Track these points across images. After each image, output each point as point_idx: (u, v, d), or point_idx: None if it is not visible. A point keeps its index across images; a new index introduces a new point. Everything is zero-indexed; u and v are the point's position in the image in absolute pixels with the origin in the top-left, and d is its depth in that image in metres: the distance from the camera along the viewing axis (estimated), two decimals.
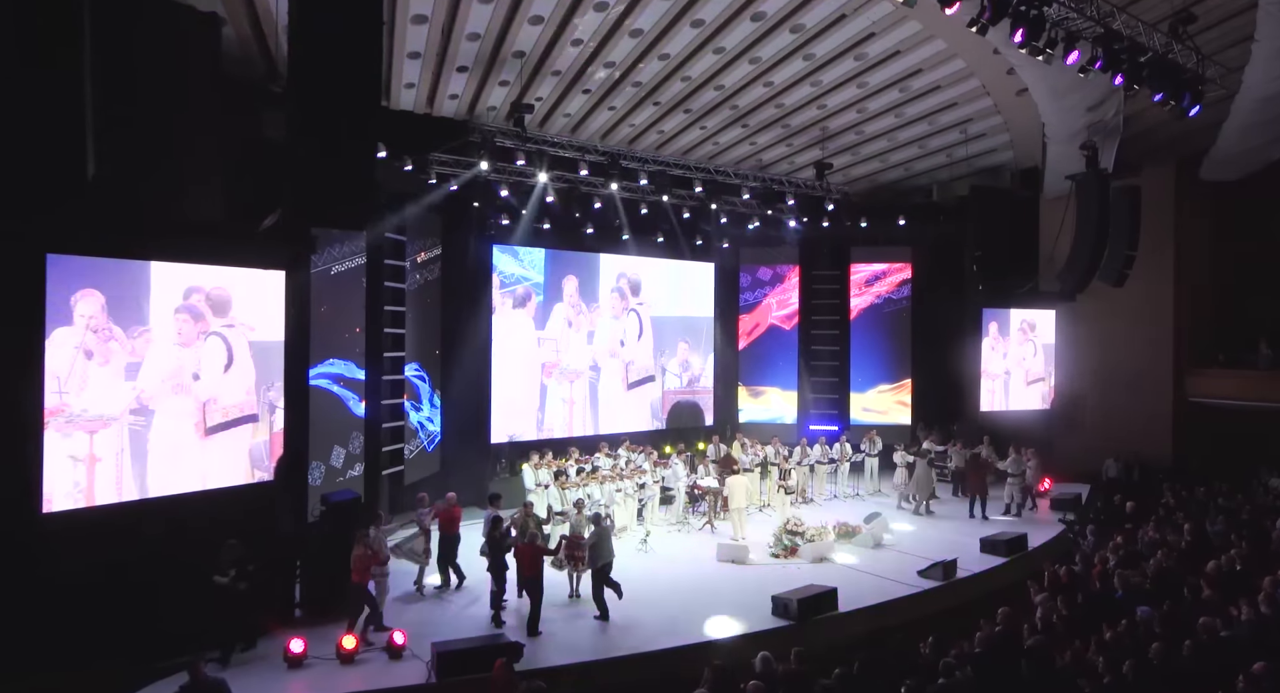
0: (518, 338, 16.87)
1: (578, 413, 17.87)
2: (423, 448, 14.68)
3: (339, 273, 11.84)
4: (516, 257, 16.91)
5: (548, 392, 17.35)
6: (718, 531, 14.03)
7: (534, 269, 17.28)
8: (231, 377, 9.44)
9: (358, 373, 12.41)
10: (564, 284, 17.73)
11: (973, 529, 14.30)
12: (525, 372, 16.99)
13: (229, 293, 9.21)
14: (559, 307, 17.65)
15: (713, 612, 10.07)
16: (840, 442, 17.32)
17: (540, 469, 13.21)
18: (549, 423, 17.24)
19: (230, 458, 9.35)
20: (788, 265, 20.50)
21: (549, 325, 17.46)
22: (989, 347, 19.83)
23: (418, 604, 10.50)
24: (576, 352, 17.88)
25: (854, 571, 11.87)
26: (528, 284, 17.12)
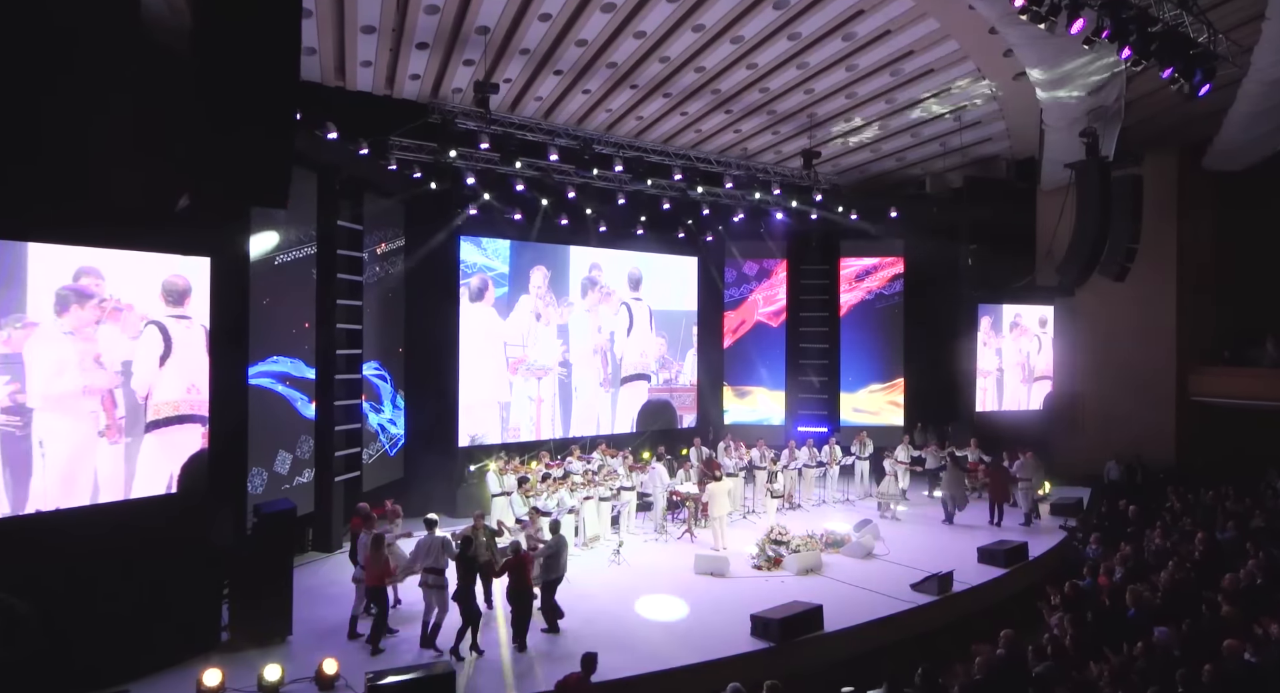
0: (479, 332, 15.79)
1: (545, 413, 16.84)
2: (384, 452, 13.77)
3: (285, 263, 10.93)
4: (480, 246, 15.87)
5: (514, 389, 16.27)
6: (698, 539, 13.16)
7: (498, 259, 16.20)
8: (169, 371, 8.45)
9: (307, 371, 11.50)
10: (531, 275, 16.67)
11: (969, 538, 13.45)
12: (488, 368, 15.90)
13: (188, 281, 8.19)
14: (525, 298, 16.54)
15: (687, 632, 9.20)
16: (830, 444, 16.46)
17: (506, 475, 12.30)
18: (515, 423, 16.25)
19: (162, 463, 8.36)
20: (775, 260, 19.65)
21: (513, 319, 16.34)
22: (985, 344, 19.05)
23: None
24: (544, 347, 16.87)
25: (842, 584, 11.01)
26: (489, 275, 15.99)
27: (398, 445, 14.30)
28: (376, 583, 8.68)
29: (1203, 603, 8.73)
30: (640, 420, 18.23)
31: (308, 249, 11.46)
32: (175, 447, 8.12)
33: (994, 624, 10.60)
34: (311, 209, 11.59)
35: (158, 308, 7.95)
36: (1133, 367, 18.97)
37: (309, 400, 11.52)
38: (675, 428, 18.55)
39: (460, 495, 14.62)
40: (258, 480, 10.32)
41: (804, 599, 9.93)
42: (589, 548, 12.43)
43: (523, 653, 8.64)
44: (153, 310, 7.91)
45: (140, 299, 7.80)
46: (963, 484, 14.85)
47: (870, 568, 11.77)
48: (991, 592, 10.97)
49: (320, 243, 11.72)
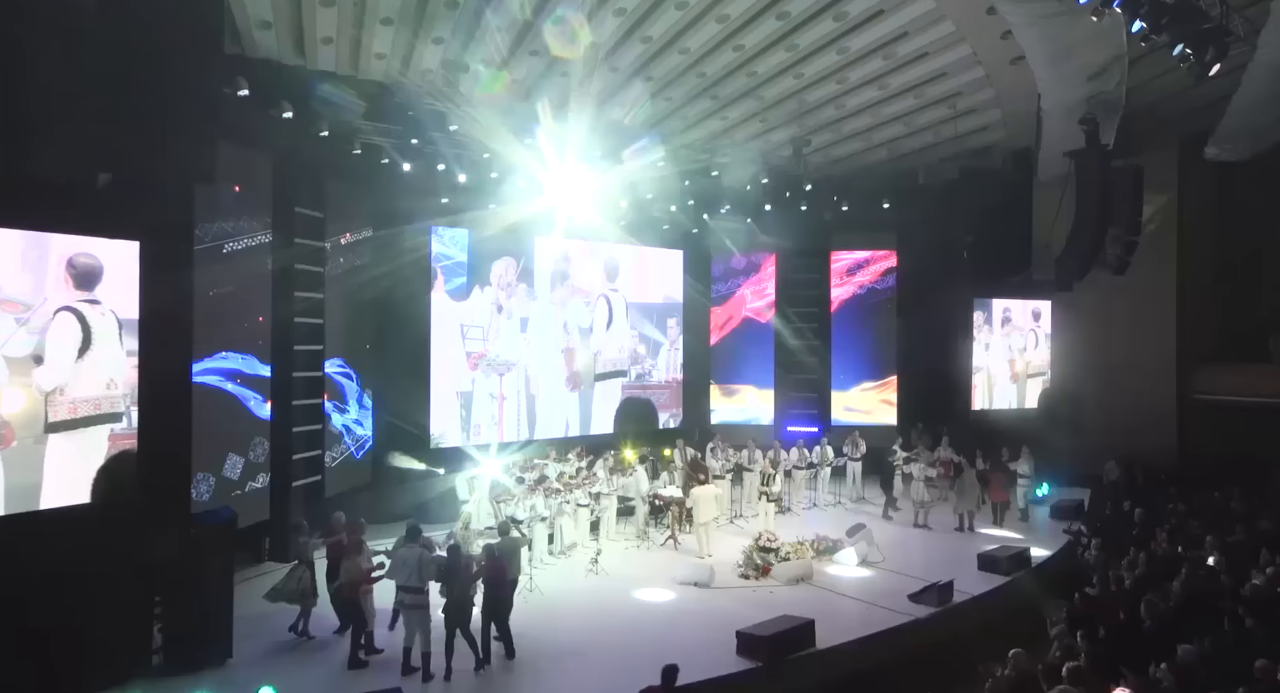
0: (444, 326, 14.90)
1: (509, 412, 15.80)
2: (349, 454, 12.98)
3: (234, 251, 10.14)
4: (436, 233, 14.85)
5: (475, 386, 15.21)
6: (682, 546, 12.43)
7: (455, 247, 15.17)
8: (87, 364, 7.64)
9: (261, 369, 10.71)
10: (493, 266, 15.69)
11: (968, 543, 12.81)
12: (449, 364, 14.93)
13: (99, 261, 7.39)
14: (487, 289, 15.63)
15: (667, 649, 8.43)
16: (821, 444, 15.78)
17: (476, 478, 11.53)
18: (476, 421, 15.13)
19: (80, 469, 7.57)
20: (763, 253, 18.95)
21: (473, 311, 15.33)
22: (982, 342, 18.44)
23: (300, 654, 8.69)
24: (506, 341, 15.84)
25: (835, 594, 10.31)
26: (449, 263, 15.06)
27: (365, 447, 13.50)
28: (352, 595, 7.94)
29: (1224, 616, 8.08)
30: (617, 419, 17.41)
31: (262, 237, 10.66)
32: (95, 450, 7.30)
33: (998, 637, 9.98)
34: (266, 194, 10.80)
35: (66, 293, 7.12)
36: (1132, 363, 18.39)
37: (263, 400, 10.73)
38: (655, 428, 17.77)
39: (431, 500, 13.84)
40: (203, 487, 9.53)
41: (794, 612, 9.22)
42: (566, 557, 11.69)
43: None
44: (62, 296, 7.09)
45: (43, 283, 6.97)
46: (977, 491, 14.12)
47: (864, 577, 11.09)
48: (994, 602, 10.29)
49: (276, 230, 10.93)
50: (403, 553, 7.96)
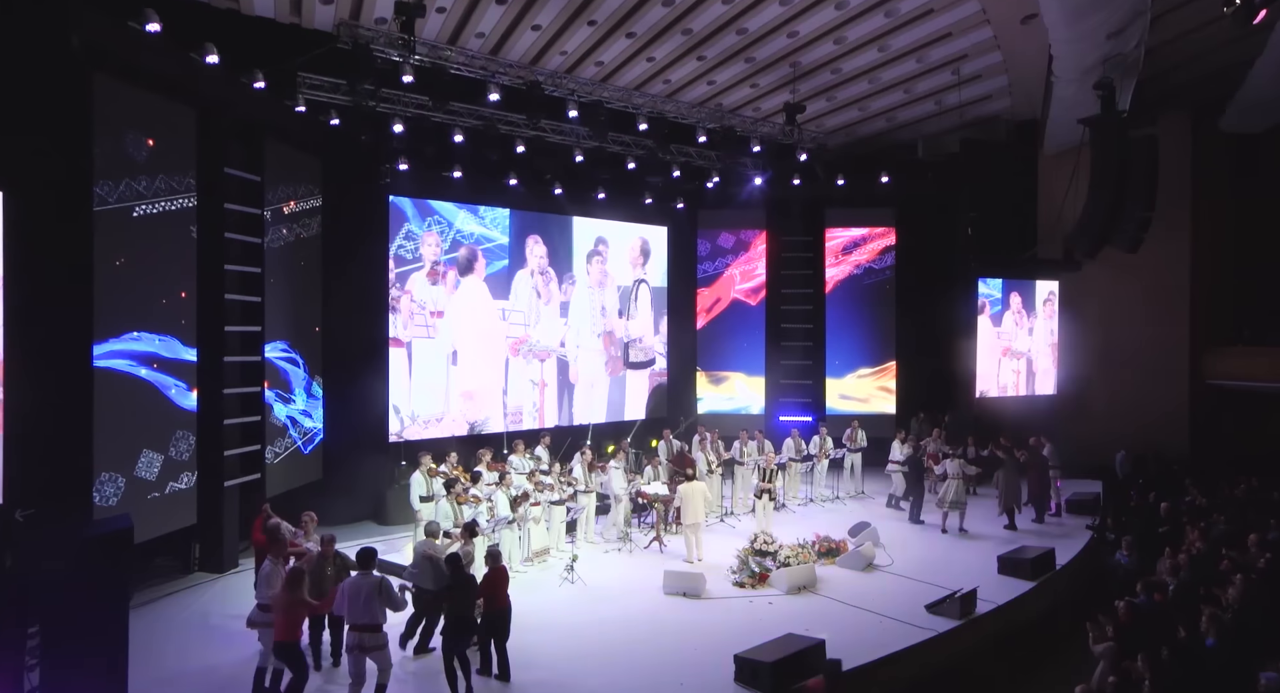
0: (470, 309, 14.29)
1: (549, 398, 15.41)
2: (296, 449, 11.60)
3: (146, 215, 8.71)
4: (476, 214, 14.38)
5: (513, 372, 14.76)
6: (668, 549, 11.20)
7: (496, 229, 14.68)
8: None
9: (184, 352, 9.31)
10: (529, 246, 14.89)
11: (983, 544, 11.67)
12: (484, 349, 14.44)
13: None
14: (522, 273, 15.06)
15: (652, 678, 7.23)
16: (820, 435, 14.58)
17: (436, 477, 10.20)
18: (514, 408, 14.85)
19: None
20: (753, 230, 17.69)
21: (513, 295, 14.83)
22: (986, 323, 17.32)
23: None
24: (547, 327, 15.30)
25: (841, 605, 9.10)
26: (482, 247, 14.49)
27: (314, 441, 12.12)
28: (288, 638, 6.34)
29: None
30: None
31: (183, 200, 9.24)
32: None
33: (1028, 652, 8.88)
34: (189, 150, 9.37)
35: None
36: (1143, 347, 17.38)
37: (188, 388, 9.34)
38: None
39: (391, 500, 12.53)
40: (109, 489, 8.14)
41: (798, 628, 8.03)
42: (537, 564, 10.41)
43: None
44: None
45: None
46: (1017, 486, 12.94)
47: (873, 583, 9.90)
48: (1020, 611, 9.15)
49: (202, 194, 9.51)
50: (356, 583, 6.56)
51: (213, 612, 8.95)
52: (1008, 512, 12.70)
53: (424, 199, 13.61)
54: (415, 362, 13.43)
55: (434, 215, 13.78)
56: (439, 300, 13.76)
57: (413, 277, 13.47)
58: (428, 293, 13.62)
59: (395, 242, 13.28)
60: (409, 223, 13.40)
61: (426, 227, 13.65)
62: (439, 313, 13.73)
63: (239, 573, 9.97)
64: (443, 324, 13.78)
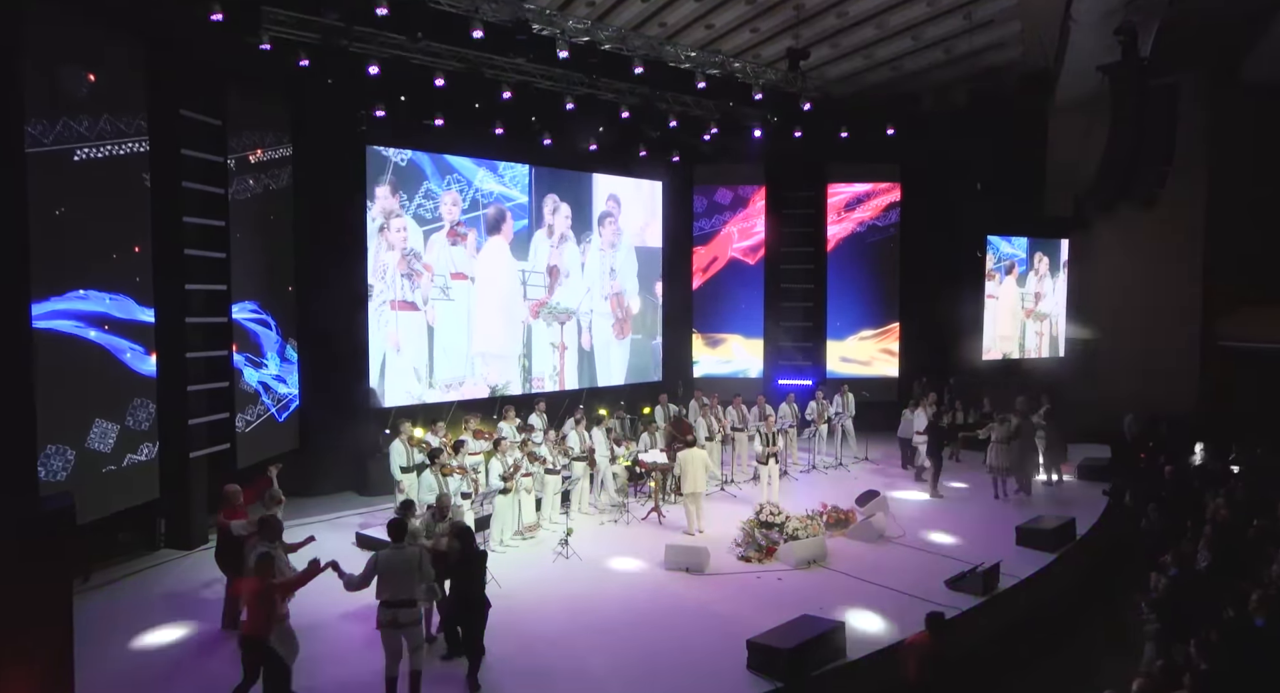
0: (492, 270, 13.78)
1: (570, 361, 15.02)
2: (270, 417, 10.86)
3: (90, 160, 7.82)
4: (496, 172, 13.85)
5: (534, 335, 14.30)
6: (667, 520, 10.62)
7: (516, 187, 14.13)
8: None
9: (140, 313, 8.50)
10: (546, 205, 14.20)
11: (998, 513, 11.16)
12: (506, 311, 14.01)
13: None
14: (540, 233, 14.49)
15: (656, 665, 6.65)
16: (817, 399, 13.98)
17: (416, 447, 9.52)
18: (538, 372, 14.51)
19: None
20: (752, 186, 16.85)
21: (533, 256, 14.34)
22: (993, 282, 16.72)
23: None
24: (570, 289, 14.90)
25: (855, 581, 8.55)
26: (511, 205, 13.98)
27: (289, 408, 11.38)
28: (257, 633, 5.65)
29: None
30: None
31: (133, 144, 8.33)
32: None
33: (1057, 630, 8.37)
34: (138, 89, 8.45)
35: None
36: (1154, 307, 16.84)
37: (145, 352, 8.55)
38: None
39: (374, 469, 11.86)
40: (57, 463, 7.40)
41: (810, 605, 7.49)
42: (528, 538, 9.80)
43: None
44: None
45: None
46: (1035, 453, 12.48)
47: (885, 556, 9.35)
48: (1044, 586, 8.64)
49: (155, 137, 8.60)
50: (390, 557, 5.90)
51: (181, 590, 8.32)
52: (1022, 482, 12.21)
53: (441, 154, 13.07)
54: (437, 324, 12.99)
55: (453, 173, 13.20)
56: (458, 261, 13.26)
57: (432, 237, 12.95)
58: (447, 254, 13.13)
59: (415, 201, 12.74)
60: (428, 181, 12.87)
61: (446, 185, 13.07)
62: (459, 275, 13.25)
63: (209, 549, 9.28)
64: (462, 286, 13.30)
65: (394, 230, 12.41)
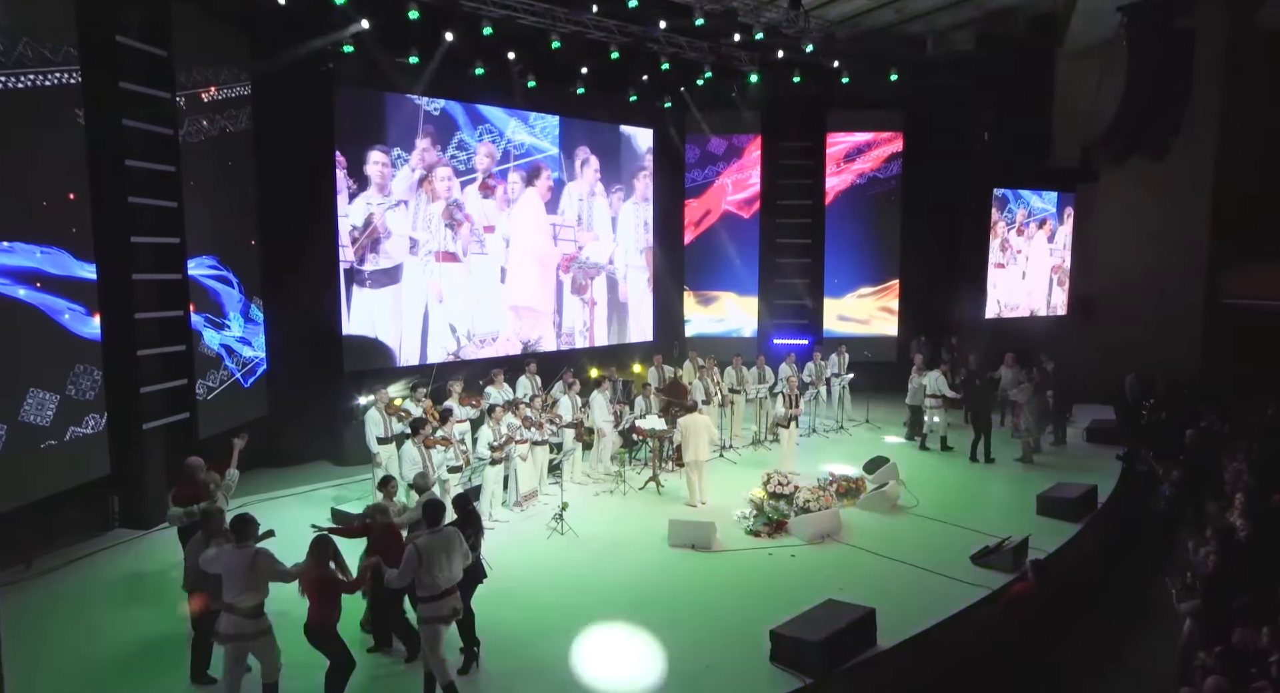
0: (525, 224, 13.51)
1: (599, 317, 14.92)
2: (234, 382, 9.97)
3: (6, 92, 6.76)
4: (527, 123, 13.44)
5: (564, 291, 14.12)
6: (666, 489, 9.99)
7: (546, 139, 13.72)
8: None
9: (79, 269, 7.53)
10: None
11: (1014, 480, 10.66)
12: (538, 266, 13.80)
13: None
14: (573, 185, 14.18)
15: (669, 659, 6.02)
16: (816, 359, 13.34)
17: (395, 416, 8.72)
18: (568, 327, 14.36)
19: None
20: (747, 135, 15.92)
21: (564, 209, 14.04)
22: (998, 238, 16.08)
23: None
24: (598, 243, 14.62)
25: (874, 557, 7.98)
26: (541, 156, 13.65)
27: (256, 373, 10.50)
28: (322, 621, 5.16)
29: None
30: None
31: (60, 75, 7.26)
32: None
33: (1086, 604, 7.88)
34: (66, 10, 7.34)
35: None
36: (1157, 264, 16.32)
37: (86, 312, 7.61)
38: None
39: (349, 437, 11.08)
40: None
41: (829, 586, 6.95)
42: (520, 511, 9.11)
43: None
44: None
45: None
46: (1049, 413, 12.06)
47: (901, 529, 8.80)
48: (1070, 559, 8.13)
49: (88, 68, 7.52)
50: (430, 543, 5.24)
51: (138, 575, 7.57)
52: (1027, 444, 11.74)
53: (464, 102, 12.54)
54: (473, 278, 12.79)
55: (485, 123, 12.84)
56: (490, 214, 12.96)
57: (467, 189, 12.63)
58: (480, 206, 12.83)
59: (448, 151, 12.35)
60: (460, 132, 12.52)
61: (479, 136, 12.73)
62: (490, 228, 12.95)
63: (168, 529, 8.51)
64: (493, 239, 13.02)
65: (439, 179, 12.20)
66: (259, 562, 4.93)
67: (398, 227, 11.83)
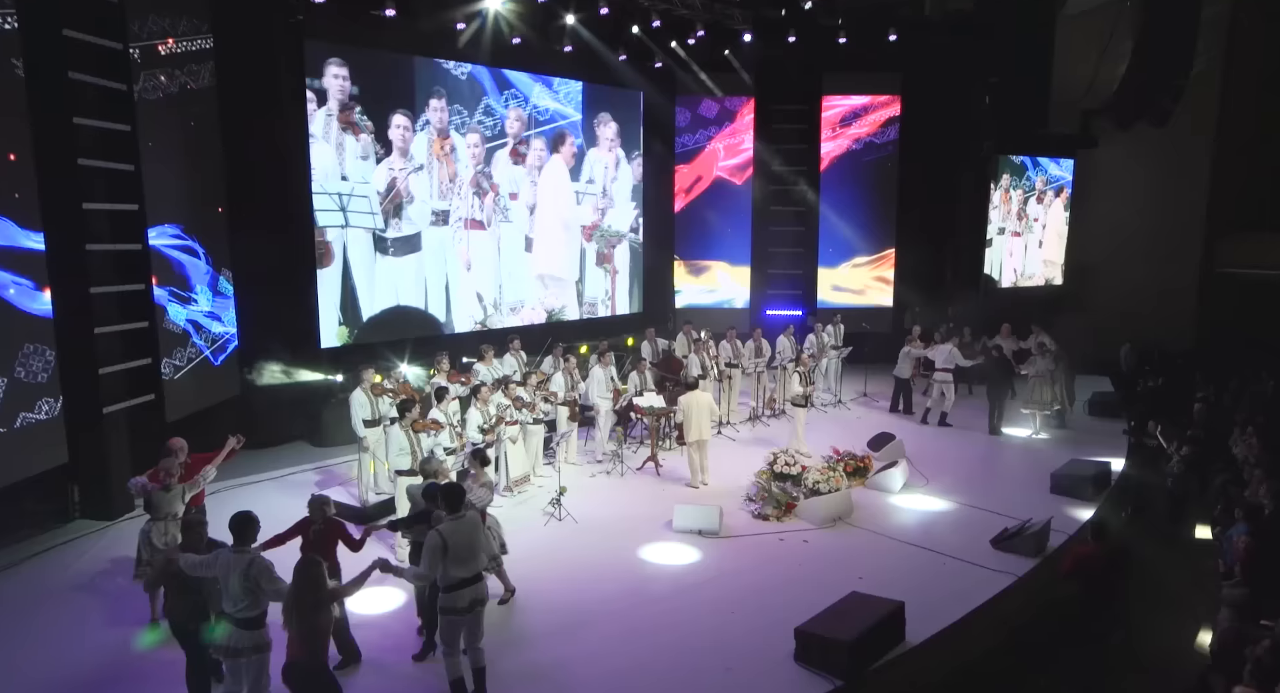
0: (550, 193, 13.32)
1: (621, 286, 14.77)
2: (204, 360, 9.31)
3: None
4: (551, 88, 13.16)
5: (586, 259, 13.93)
6: (665, 469, 9.56)
7: (570, 105, 13.47)
8: None
9: (24, 238, 6.84)
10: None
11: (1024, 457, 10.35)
12: (562, 234, 13.63)
13: None
14: (594, 151, 13.99)
15: (684, 659, 5.61)
16: (816, 331, 12.91)
17: (383, 397, 8.14)
18: (590, 296, 14.28)
19: None
20: (740, 98, 15.27)
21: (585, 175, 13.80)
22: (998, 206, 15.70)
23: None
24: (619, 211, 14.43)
25: (890, 541, 7.62)
26: (565, 123, 13.33)
27: (227, 350, 9.83)
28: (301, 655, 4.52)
29: None
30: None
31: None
32: None
33: None
34: None
35: None
36: (1155, 231, 16.11)
37: (35, 287, 6.92)
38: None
39: (329, 417, 10.49)
40: None
41: (846, 574, 6.58)
42: (513, 495, 8.63)
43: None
44: None
45: None
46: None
47: (914, 510, 8.45)
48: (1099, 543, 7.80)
49: (25, 12, 6.74)
50: (454, 530, 4.87)
51: (102, 571, 6.99)
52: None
53: (495, 67, 12.21)
54: (501, 246, 12.67)
55: (511, 88, 12.61)
56: (518, 181, 12.80)
57: (497, 154, 12.45)
58: (509, 173, 12.65)
59: (475, 117, 12.09)
60: (487, 97, 12.26)
61: (505, 102, 12.51)
62: (515, 195, 12.74)
63: (135, 519, 7.92)
64: (519, 206, 12.83)
65: (470, 144, 12.04)
66: (251, 572, 4.36)
67: (420, 192, 11.47)
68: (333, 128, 10.59)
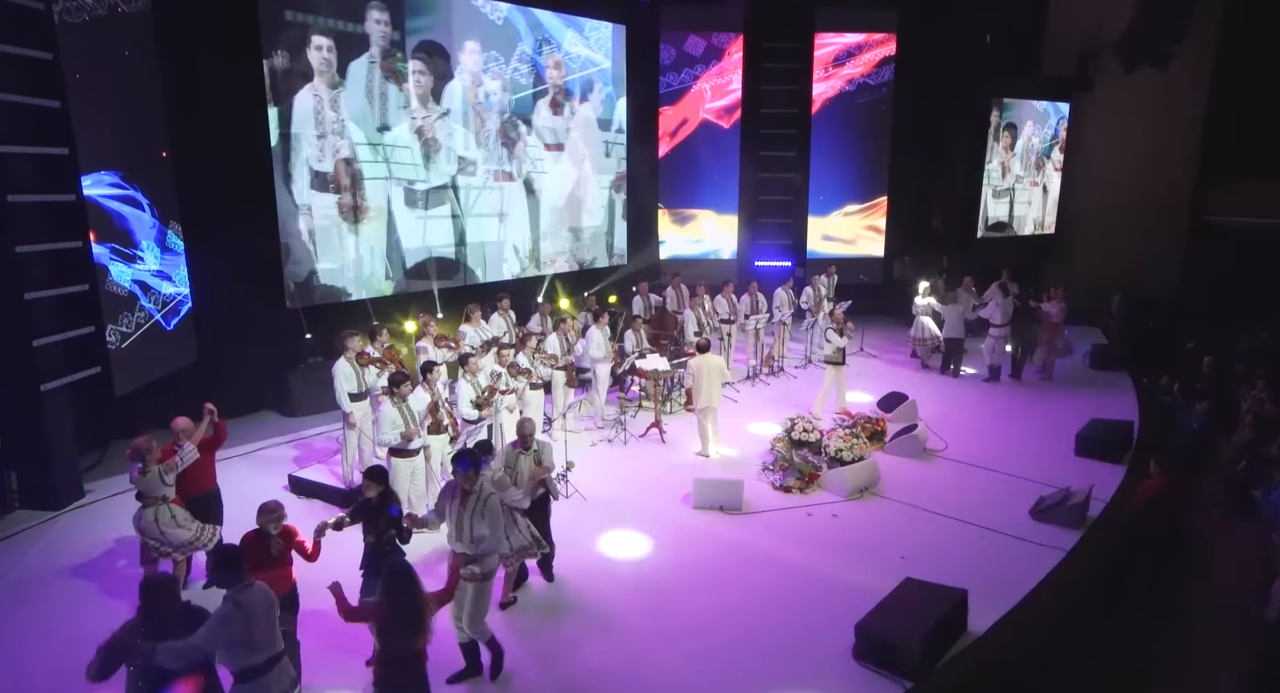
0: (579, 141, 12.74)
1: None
2: (155, 325, 8.29)
3: None
4: (583, 33, 12.50)
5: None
6: (670, 437, 8.94)
7: (600, 51, 12.77)
8: None
9: None
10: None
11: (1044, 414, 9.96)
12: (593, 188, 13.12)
13: None
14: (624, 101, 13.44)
15: (726, 655, 5.07)
16: (814, 284, 12.31)
17: (370, 367, 7.28)
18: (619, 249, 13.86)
19: None
20: (728, 34, 14.28)
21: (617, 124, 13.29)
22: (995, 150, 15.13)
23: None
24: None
25: (924, 513, 7.15)
26: (595, 70, 12.58)
27: (180, 312, 8.80)
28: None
29: None
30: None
31: None
32: None
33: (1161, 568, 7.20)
34: None
35: None
36: (1144, 178, 15.76)
37: None
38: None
39: (297, 383, 9.60)
40: None
41: (885, 552, 6.16)
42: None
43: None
44: None
45: None
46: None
47: (939, 477, 8.00)
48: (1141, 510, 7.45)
49: None
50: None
51: (47, 564, 6.15)
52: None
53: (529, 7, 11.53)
54: (534, 195, 12.22)
55: (544, 33, 11.98)
56: (557, 132, 12.37)
57: (538, 103, 12.01)
58: (548, 122, 12.21)
59: (511, 64, 11.49)
60: (521, 43, 11.66)
61: (538, 48, 11.92)
62: (557, 146, 12.35)
63: (86, 507, 7.05)
64: (553, 156, 12.36)
65: (499, 92, 11.44)
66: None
67: (448, 140, 10.76)
68: (375, 76, 9.76)
